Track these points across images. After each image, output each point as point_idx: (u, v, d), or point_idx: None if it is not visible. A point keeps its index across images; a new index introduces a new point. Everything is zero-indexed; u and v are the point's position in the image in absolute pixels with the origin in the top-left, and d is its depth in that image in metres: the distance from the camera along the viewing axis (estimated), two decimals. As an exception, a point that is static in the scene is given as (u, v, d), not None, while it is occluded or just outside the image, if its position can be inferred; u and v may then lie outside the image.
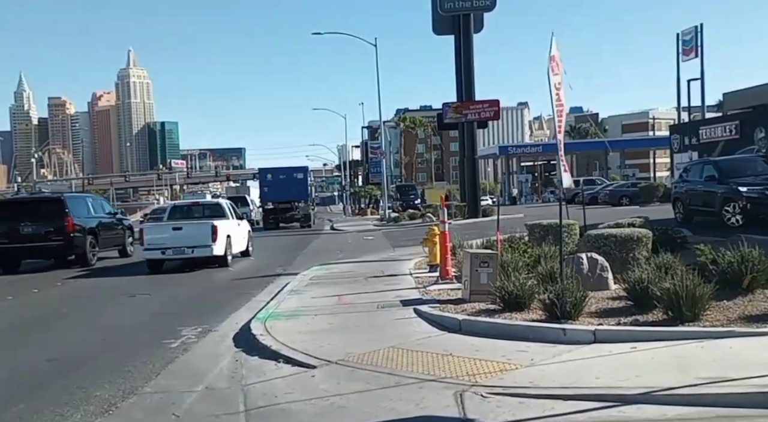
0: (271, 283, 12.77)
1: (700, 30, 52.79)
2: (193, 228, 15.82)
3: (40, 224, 17.09)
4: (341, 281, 11.57)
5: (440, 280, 10.23)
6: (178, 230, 15.78)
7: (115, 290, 12.89)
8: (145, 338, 7.97)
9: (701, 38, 52.27)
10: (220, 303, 10.40)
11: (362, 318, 8.06)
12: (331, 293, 10.26)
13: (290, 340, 6.99)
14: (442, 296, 9.22)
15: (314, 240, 26.08)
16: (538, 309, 7.25)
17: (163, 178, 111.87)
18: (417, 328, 7.34)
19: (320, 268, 14.20)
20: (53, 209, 17.41)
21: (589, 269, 8.72)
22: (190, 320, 8.91)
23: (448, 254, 10.29)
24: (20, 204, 19.55)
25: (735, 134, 36.59)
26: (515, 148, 72.18)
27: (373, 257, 16.36)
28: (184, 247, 15.49)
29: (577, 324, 6.52)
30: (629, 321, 6.49)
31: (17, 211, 17.99)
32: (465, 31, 30.73)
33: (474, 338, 6.70)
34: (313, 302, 9.41)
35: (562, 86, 15.73)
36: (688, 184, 16.76)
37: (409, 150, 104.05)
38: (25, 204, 19.31)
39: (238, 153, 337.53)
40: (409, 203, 52.52)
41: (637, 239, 9.20)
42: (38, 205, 18.50)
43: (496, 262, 8.54)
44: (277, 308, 9.18)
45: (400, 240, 22.32)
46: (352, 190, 79.53)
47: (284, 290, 11.11)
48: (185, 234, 15.60)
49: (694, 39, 53.47)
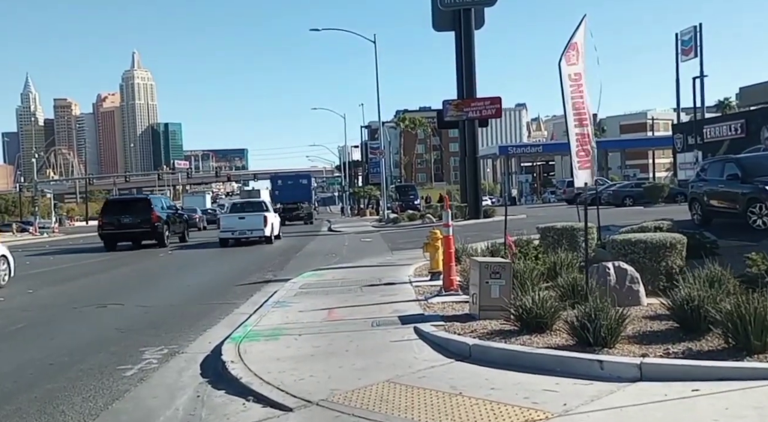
0: (258, 291, 11.60)
1: (699, 30, 51.75)
2: (252, 218, 23.63)
3: (134, 216, 23.60)
4: (333, 291, 10.37)
5: (443, 291, 9.04)
6: (242, 219, 23.66)
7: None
8: (104, 360, 6.78)
9: (700, 38, 51.22)
10: (198, 314, 9.21)
11: (354, 339, 6.86)
12: (320, 305, 9.07)
13: (265, 369, 5.80)
14: (447, 310, 8.04)
15: (310, 242, 24.90)
16: (563, 332, 6.07)
17: (163, 178, 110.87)
18: (418, 354, 6.15)
19: (312, 274, 13.01)
20: (142, 206, 24.07)
21: (617, 281, 7.54)
22: (160, 338, 7.73)
23: (453, 261, 9.10)
24: (120, 202, 27.03)
25: (741, 132, 35.44)
26: (515, 148, 71.02)
27: (370, 261, 15.19)
28: (246, 230, 23.27)
29: (616, 354, 5.33)
30: (680, 351, 5.29)
31: (118, 207, 24.76)
32: (466, 26, 29.56)
33: (488, 369, 5.51)
34: (298, 318, 8.22)
35: (581, 78, 14.53)
36: (707, 183, 15.56)
37: (409, 151, 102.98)
38: (123, 202, 26.69)
39: (241, 154, 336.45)
40: (408, 204, 51.52)
41: (670, 246, 8.01)
42: (133, 203, 25.47)
43: (509, 273, 7.36)
44: (257, 324, 7.99)
45: (398, 243, 21.15)
46: (352, 190, 78.38)
47: (270, 300, 9.92)
48: (246, 222, 23.43)
49: (694, 39, 52.44)
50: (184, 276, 15.32)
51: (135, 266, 19.08)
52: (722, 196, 14.54)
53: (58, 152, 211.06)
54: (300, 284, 11.41)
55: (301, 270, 14.05)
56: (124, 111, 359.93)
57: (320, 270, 13.58)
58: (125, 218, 23.67)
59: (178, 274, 16.17)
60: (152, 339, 7.70)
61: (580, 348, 5.60)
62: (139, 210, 23.81)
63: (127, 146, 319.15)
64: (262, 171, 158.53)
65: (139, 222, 23.50)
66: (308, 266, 14.83)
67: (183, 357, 6.85)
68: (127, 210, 24.08)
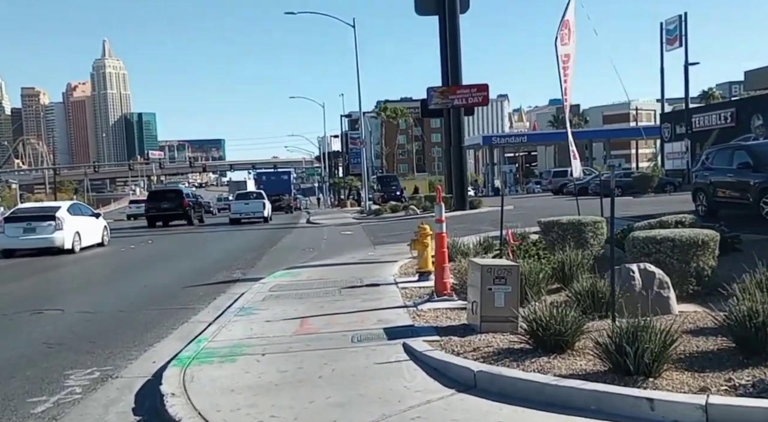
0: (223, 293, 10.29)
1: (684, 19, 50.84)
2: (255, 204, 32.97)
3: (170, 202, 31.76)
4: (308, 294, 9.08)
5: (435, 295, 7.80)
6: (247, 204, 33.00)
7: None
8: (12, 389, 5.43)
9: (686, 27, 50.33)
10: (148, 323, 7.87)
11: (330, 359, 5.59)
12: (291, 313, 7.78)
13: (214, 407, 4.51)
14: (440, 320, 6.81)
15: (287, 235, 23.52)
16: (590, 354, 4.86)
17: (135, 169, 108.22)
18: (410, 382, 4.89)
19: (286, 273, 11.69)
20: (176, 195, 32.77)
21: (642, 286, 6.35)
22: (94, 356, 6.39)
23: (446, 262, 7.84)
24: (160, 192, 35.41)
25: (731, 121, 34.60)
26: (499, 138, 69.96)
27: (351, 257, 13.91)
28: (250, 212, 32.45)
29: (666, 387, 4.12)
30: (749, 383, 4.09)
31: (159, 196, 33.43)
32: (450, 9, 28.19)
33: (499, 405, 4.28)
34: (264, 330, 6.92)
35: (570, 59, 13.30)
36: (713, 173, 14.48)
37: (390, 141, 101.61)
38: (162, 192, 35.13)
39: (218, 144, 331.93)
40: (390, 195, 50.33)
41: (702, 244, 6.84)
42: (169, 193, 33.98)
43: (516, 278, 6.13)
44: (214, 338, 6.68)
45: (381, 236, 19.89)
46: (332, 181, 76.91)
47: (234, 306, 8.61)
48: (250, 207, 32.77)
49: (679, 28, 51.53)
50: (146, 273, 13.89)
51: (101, 259, 17.72)
52: (732, 186, 13.47)
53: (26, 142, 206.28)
54: (270, 286, 10.10)
55: (274, 268, 12.75)
56: (95, 100, 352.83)
57: (295, 269, 12.26)
58: (164, 204, 31.85)
59: (140, 270, 14.73)
60: (84, 358, 6.37)
61: (615, 376, 4.39)
62: (174, 198, 32.22)
63: (99, 137, 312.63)
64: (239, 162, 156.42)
65: (175, 207, 31.63)
66: (282, 263, 13.53)
67: (116, 383, 5.53)
68: (165, 198, 32.48)
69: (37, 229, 18.57)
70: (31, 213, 19.73)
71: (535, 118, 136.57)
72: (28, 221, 18.83)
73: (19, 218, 19.23)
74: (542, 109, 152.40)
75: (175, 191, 34.80)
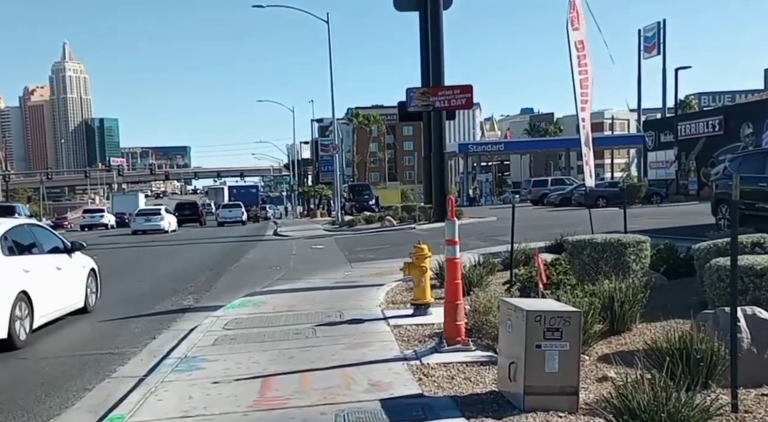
0: (166, 329, 8.19)
1: (663, 26, 50.05)
2: (236, 210, 49.57)
3: (189, 210, 49.31)
4: (273, 335, 7.01)
5: (445, 344, 5.78)
6: (230, 211, 49.52)
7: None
8: None
9: (664, 35, 49.53)
10: (54, 380, 5.72)
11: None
12: (250, 367, 5.70)
13: None
14: (458, 384, 4.85)
15: (251, 249, 21.27)
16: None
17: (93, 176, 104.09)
18: None
19: (247, 301, 9.59)
20: (192, 204, 53.03)
21: (751, 342, 4.47)
22: None
23: (460, 299, 5.83)
24: (182, 203, 53.26)
25: (719, 129, 33.42)
26: (475, 146, 68.56)
27: (325, 279, 11.86)
28: (233, 217, 47.95)
29: None
30: None
31: (182, 206, 50.18)
32: (433, 4, 26.41)
33: None
34: (208, 401, 4.83)
35: (585, 47, 11.45)
36: (741, 182, 12.76)
37: (362, 149, 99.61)
38: (183, 203, 53.29)
39: (183, 151, 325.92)
40: (363, 204, 48.40)
41: (818, 278, 4.98)
42: (188, 204, 53.02)
43: (576, 329, 4.21)
44: (132, 415, 4.59)
45: (357, 251, 17.84)
46: (301, 189, 74.56)
47: (174, 352, 6.50)
48: (233, 213, 48.92)
49: (657, 35, 50.75)
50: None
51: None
52: (764, 197, 11.77)
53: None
54: (226, 321, 7.98)
55: (234, 292, 10.67)
56: (54, 105, 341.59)
57: (258, 295, 10.14)
58: (185, 211, 48.10)
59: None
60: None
61: None
62: (190, 207, 50.71)
63: (58, 143, 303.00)
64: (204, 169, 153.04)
65: (191, 213, 48.68)
66: (244, 286, 11.44)
67: None
68: (185, 207, 49.68)
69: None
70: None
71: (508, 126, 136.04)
72: None
73: None
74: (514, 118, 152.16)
75: (192, 202, 55.66)
